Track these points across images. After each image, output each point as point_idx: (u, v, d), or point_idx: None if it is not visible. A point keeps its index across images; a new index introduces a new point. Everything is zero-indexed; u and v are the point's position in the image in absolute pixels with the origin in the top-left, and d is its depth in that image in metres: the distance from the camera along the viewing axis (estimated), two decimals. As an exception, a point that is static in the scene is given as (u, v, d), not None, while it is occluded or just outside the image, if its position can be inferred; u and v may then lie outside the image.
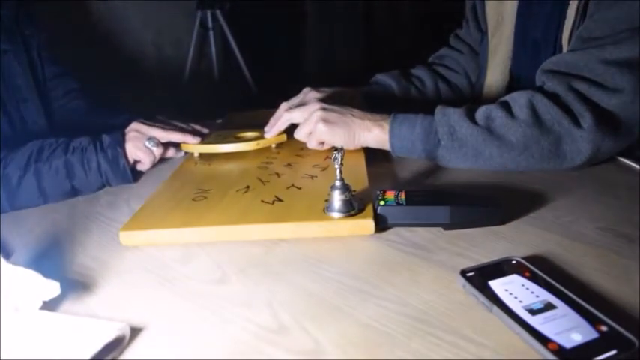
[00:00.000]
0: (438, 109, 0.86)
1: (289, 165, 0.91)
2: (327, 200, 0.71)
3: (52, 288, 0.55)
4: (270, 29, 3.01)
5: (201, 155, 1.00)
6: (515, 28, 1.07)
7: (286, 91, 1.10)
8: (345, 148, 0.88)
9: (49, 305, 0.57)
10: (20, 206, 0.89)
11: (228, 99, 2.58)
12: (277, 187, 0.81)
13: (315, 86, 1.09)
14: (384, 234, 0.69)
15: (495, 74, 1.11)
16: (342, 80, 1.22)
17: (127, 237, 0.71)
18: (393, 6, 3.71)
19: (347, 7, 3.56)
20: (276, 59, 2.99)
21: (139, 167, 0.97)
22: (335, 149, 0.68)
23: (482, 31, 1.16)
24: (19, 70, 1.09)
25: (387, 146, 0.88)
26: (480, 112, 0.85)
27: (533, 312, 0.49)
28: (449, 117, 0.85)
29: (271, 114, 1.03)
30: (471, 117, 0.84)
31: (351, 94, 1.09)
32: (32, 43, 1.15)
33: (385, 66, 1.27)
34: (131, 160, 0.94)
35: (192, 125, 1.08)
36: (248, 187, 0.82)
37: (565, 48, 0.93)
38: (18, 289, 0.54)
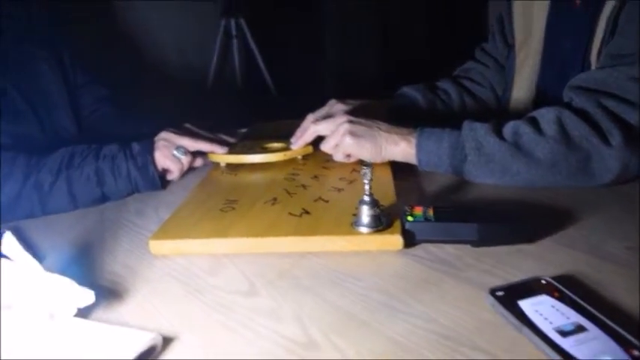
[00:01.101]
0: (465, 124, 0.86)
1: (316, 177, 0.92)
2: (354, 214, 0.71)
3: (86, 296, 0.56)
4: (292, 38, 3.03)
5: (227, 165, 1.01)
6: (544, 43, 1.06)
7: (308, 100, 1.11)
8: (371, 161, 0.89)
9: (82, 312, 0.58)
10: (51, 211, 0.91)
11: (250, 107, 2.60)
12: (304, 200, 0.81)
13: (337, 96, 1.09)
14: (411, 250, 0.69)
15: (522, 89, 1.11)
16: (363, 90, 1.22)
17: (156, 246, 0.72)
18: (412, 19, 3.72)
19: (366, 18, 3.58)
20: (298, 68, 3.01)
21: (169, 177, 0.99)
22: (364, 164, 0.69)
23: (509, 45, 1.16)
24: (52, 77, 1.12)
25: (413, 160, 0.89)
26: (508, 128, 0.85)
27: (564, 334, 0.49)
28: (476, 132, 0.85)
29: (296, 125, 1.04)
30: (498, 132, 0.84)
31: (377, 106, 1.09)
32: (64, 51, 1.18)
33: (405, 76, 1.27)
34: (160, 169, 0.96)
35: (220, 135, 1.09)
36: (275, 198, 0.83)
37: (594, 64, 0.93)
38: (53, 296, 0.55)
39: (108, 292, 0.64)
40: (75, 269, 0.71)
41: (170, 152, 0.96)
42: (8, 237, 0.57)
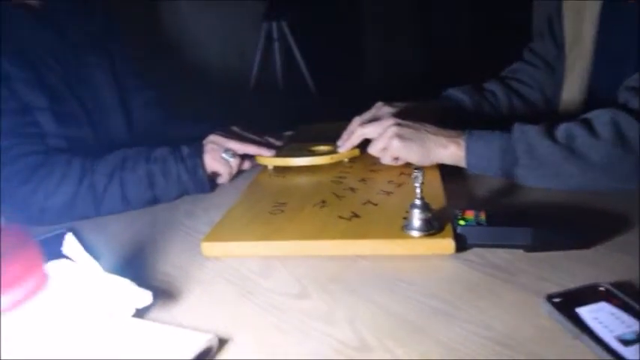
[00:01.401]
0: (516, 126, 0.85)
1: (363, 180, 0.91)
2: (405, 218, 0.71)
3: (144, 296, 0.57)
4: (333, 41, 3.04)
5: (275, 167, 1.02)
6: (596, 42, 1.04)
7: (350, 101, 1.11)
8: (419, 164, 0.89)
9: (137, 312, 0.59)
10: (105, 212, 0.94)
11: (292, 110, 2.62)
12: (353, 203, 0.81)
13: (379, 98, 1.08)
14: (463, 254, 0.68)
15: (573, 90, 1.08)
16: (405, 91, 1.21)
17: (208, 248, 0.74)
18: (454, 18, 3.68)
19: (408, 19, 3.57)
20: (340, 70, 3.02)
21: (219, 180, 1.01)
22: (415, 168, 0.68)
23: (559, 45, 1.14)
24: (105, 82, 1.15)
25: (462, 163, 0.88)
26: (561, 130, 0.83)
27: (626, 343, 0.48)
28: (527, 134, 0.83)
29: (341, 127, 1.04)
30: (550, 135, 0.83)
31: (423, 109, 1.08)
32: (116, 57, 1.21)
33: (447, 76, 1.25)
34: (209, 171, 0.97)
35: (267, 137, 1.10)
36: (324, 201, 0.83)
37: (650, 63, 0.90)
38: (113, 296, 0.57)
39: (161, 293, 0.65)
40: (128, 269, 0.73)
41: (219, 155, 0.98)
42: (70, 238, 0.59)
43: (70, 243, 0.59)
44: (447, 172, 0.90)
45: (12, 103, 0.95)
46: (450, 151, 0.88)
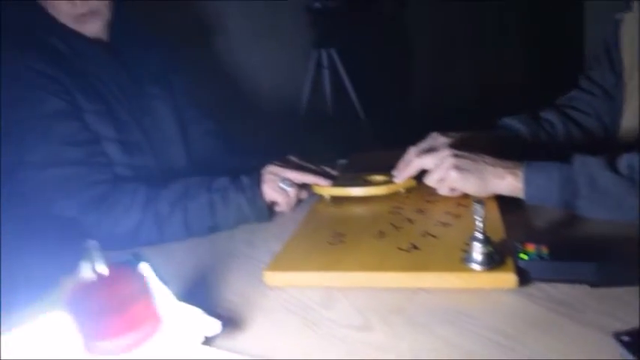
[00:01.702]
0: (577, 158, 0.84)
1: (420, 211, 0.92)
2: (465, 250, 0.71)
3: (213, 325, 0.59)
4: (382, 67, 3.07)
5: (332, 197, 1.03)
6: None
7: (399, 129, 1.11)
8: (476, 195, 0.89)
9: (205, 340, 0.61)
10: (168, 239, 0.97)
11: (342, 137, 2.64)
12: (411, 234, 0.82)
13: (429, 127, 1.09)
14: (525, 288, 0.68)
15: (633, 119, 1.07)
16: (456, 119, 1.21)
17: (271, 277, 0.75)
18: (506, 43, 3.66)
19: (459, 46, 3.57)
20: (389, 98, 3.04)
21: (277, 208, 1.03)
22: (476, 201, 0.69)
23: (617, 73, 1.12)
24: (166, 112, 1.20)
25: (520, 194, 0.87)
26: (623, 162, 0.82)
27: (701, 385, 0.47)
28: (588, 166, 0.82)
29: (395, 156, 1.04)
30: (612, 166, 0.82)
31: (479, 139, 1.08)
32: (175, 88, 1.26)
33: (499, 104, 1.24)
34: (267, 201, 1.00)
35: (323, 167, 1.12)
36: (382, 232, 0.84)
37: None
38: (184, 323, 0.59)
39: (225, 320, 0.66)
40: (193, 296, 0.75)
41: (277, 185, 1.00)
42: (144, 267, 0.62)
43: (144, 271, 0.62)
44: (504, 202, 0.90)
45: (84, 135, 1.00)
46: (507, 182, 0.87)
